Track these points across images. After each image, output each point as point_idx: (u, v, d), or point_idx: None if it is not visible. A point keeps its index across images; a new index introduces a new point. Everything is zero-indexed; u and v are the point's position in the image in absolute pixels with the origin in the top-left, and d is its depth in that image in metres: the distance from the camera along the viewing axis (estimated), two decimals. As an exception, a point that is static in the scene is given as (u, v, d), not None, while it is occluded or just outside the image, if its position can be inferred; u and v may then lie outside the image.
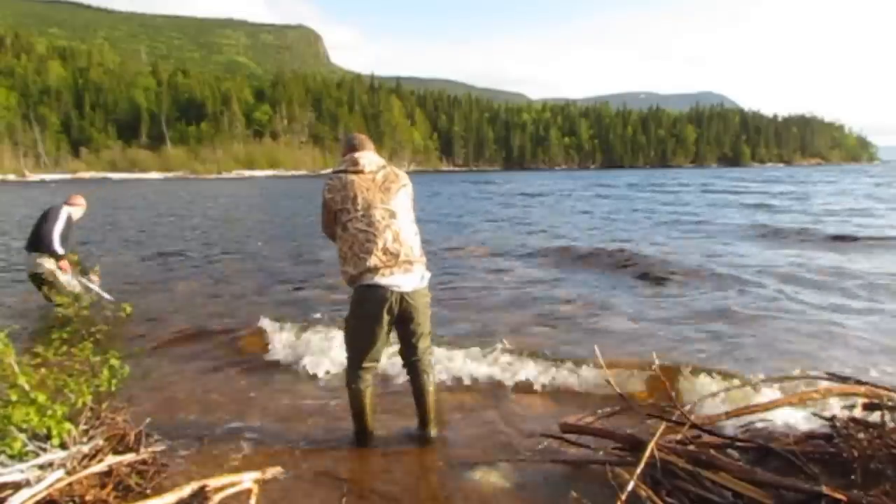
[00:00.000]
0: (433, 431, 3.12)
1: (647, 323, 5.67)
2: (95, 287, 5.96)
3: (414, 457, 3.03)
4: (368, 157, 2.94)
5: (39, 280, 5.62)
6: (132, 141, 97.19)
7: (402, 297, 2.80)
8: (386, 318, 2.81)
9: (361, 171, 2.89)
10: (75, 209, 5.91)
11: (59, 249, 5.56)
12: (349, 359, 3.01)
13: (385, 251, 2.76)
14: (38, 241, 5.62)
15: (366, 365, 2.94)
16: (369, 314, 2.81)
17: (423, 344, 3.04)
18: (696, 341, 5.02)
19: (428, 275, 2.95)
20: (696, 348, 4.83)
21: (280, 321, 5.34)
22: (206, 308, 6.47)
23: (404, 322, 2.90)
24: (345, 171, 2.91)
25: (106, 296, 5.90)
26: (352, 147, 3.03)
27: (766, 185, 37.80)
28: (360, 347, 2.92)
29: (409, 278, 2.82)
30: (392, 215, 2.84)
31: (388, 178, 2.91)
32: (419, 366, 3.06)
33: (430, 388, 3.09)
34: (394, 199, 2.88)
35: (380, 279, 2.75)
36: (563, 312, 6.20)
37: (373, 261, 2.74)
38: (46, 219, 5.71)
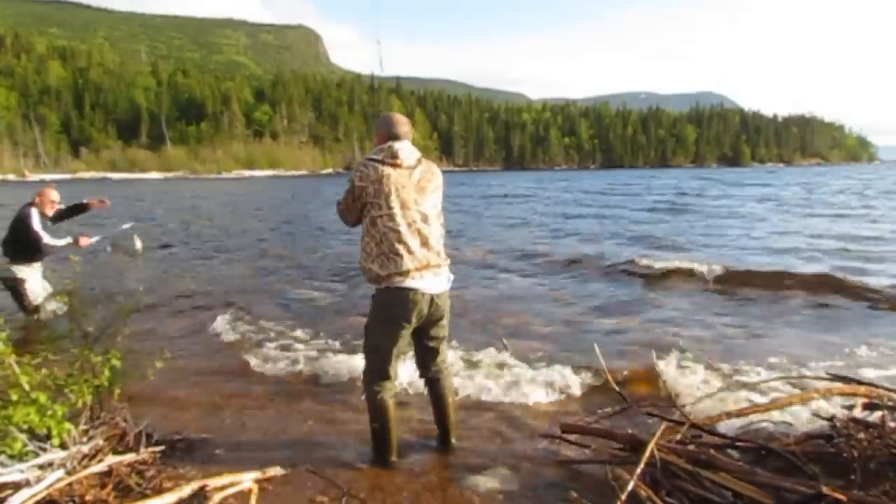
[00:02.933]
0: (455, 439, 3.04)
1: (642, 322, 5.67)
2: (138, 244, 6.26)
3: (415, 458, 3.02)
4: (408, 150, 2.72)
5: (9, 286, 5.50)
6: (132, 141, 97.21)
7: (432, 299, 2.69)
8: (414, 322, 2.69)
9: (399, 166, 2.67)
10: (34, 208, 5.59)
11: (56, 245, 5.44)
12: (371, 367, 2.81)
13: (415, 254, 2.63)
14: (12, 248, 5.44)
15: (390, 370, 2.78)
16: (397, 318, 2.67)
17: (444, 348, 2.94)
18: (691, 339, 5.02)
19: (452, 277, 2.83)
20: (694, 346, 4.83)
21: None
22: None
23: (428, 326, 2.78)
24: (381, 162, 2.66)
25: (137, 244, 6.16)
26: (390, 133, 2.75)
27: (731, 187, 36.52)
28: (384, 354, 2.74)
29: (437, 281, 2.70)
30: (424, 218, 2.68)
31: (424, 177, 2.72)
32: (440, 373, 2.94)
33: (452, 397, 2.98)
34: (427, 201, 2.72)
35: (410, 282, 2.62)
36: (563, 313, 6.21)
37: (403, 263, 2.60)
38: (18, 226, 5.46)
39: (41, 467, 2.36)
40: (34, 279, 5.50)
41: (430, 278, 2.66)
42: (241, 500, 2.47)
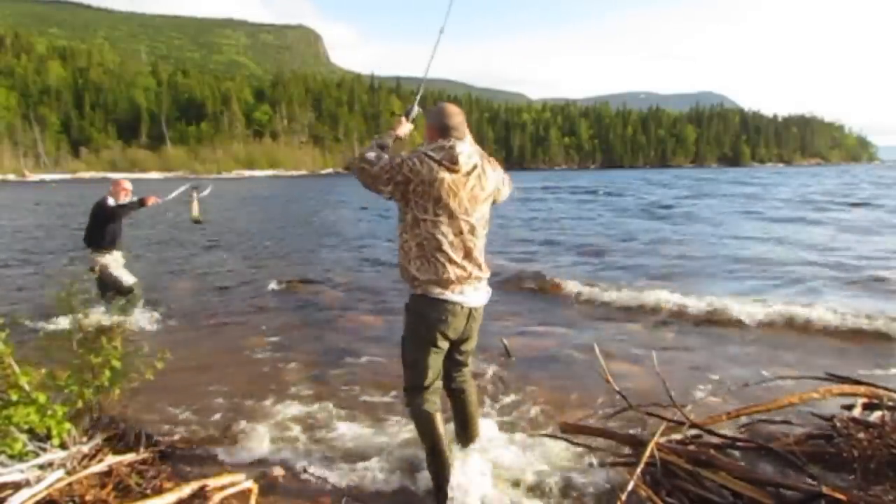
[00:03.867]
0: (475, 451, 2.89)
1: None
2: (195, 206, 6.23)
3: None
4: (468, 153, 2.47)
5: (96, 275, 5.78)
6: (132, 141, 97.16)
7: (470, 312, 2.55)
8: (452, 337, 2.56)
9: (457, 172, 2.43)
10: (113, 197, 5.95)
11: (122, 203, 5.80)
12: (411, 381, 2.63)
13: (458, 264, 2.46)
14: (90, 236, 5.79)
15: (430, 385, 2.61)
16: (435, 333, 2.50)
17: (469, 361, 2.84)
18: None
19: (490, 290, 2.67)
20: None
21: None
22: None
23: (461, 338, 2.63)
24: (438, 162, 2.41)
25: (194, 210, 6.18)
26: (442, 125, 2.48)
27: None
28: (424, 365, 2.57)
29: (477, 295, 2.55)
30: (472, 229, 2.49)
31: (477, 185, 2.49)
32: (466, 382, 2.83)
33: (476, 406, 2.90)
34: (477, 211, 2.50)
35: (449, 294, 2.46)
36: (562, 314, 6.21)
37: (444, 272, 2.44)
38: (98, 212, 5.83)
39: (41, 467, 2.37)
40: (115, 266, 5.76)
41: (470, 292, 2.51)
42: (241, 500, 2.47)
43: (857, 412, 2.90)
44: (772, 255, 9.84)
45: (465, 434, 2.87)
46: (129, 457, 2.64)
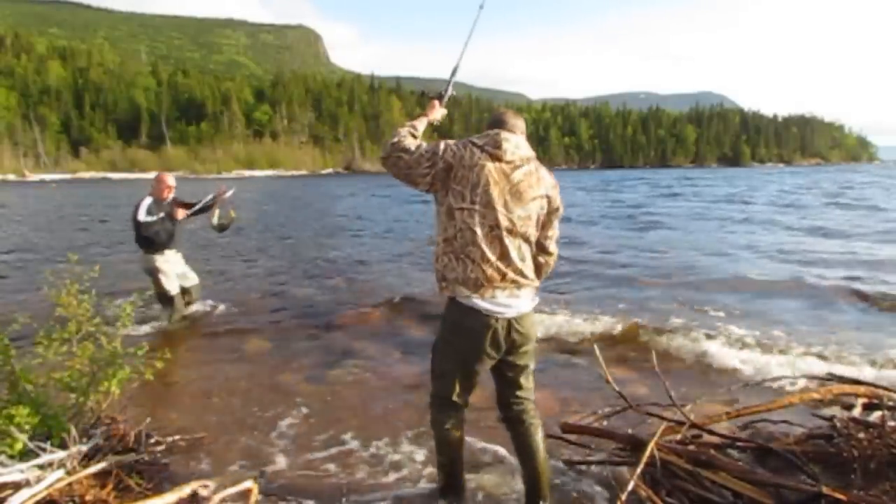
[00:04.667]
0: None
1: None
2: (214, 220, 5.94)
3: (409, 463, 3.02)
4: (515, 142, 2.28)
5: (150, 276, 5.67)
6: (132, 141, 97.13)
7: (510, 323, 2.23)
8: (489, 350, 2.23)
9: (500, 159, 2.22)
10: (149, 197, 5.62)
11: (146, 220, 5.36)
12: (437, 389, 2.39)
13: (491, 263, 2.17)
14: (136, 237, 5.56)
15: (457, 399, 2.35)
16: (466, 341, 2.24)
17: (528, 383, 2.41)
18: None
19: (537, 299, 2.36)
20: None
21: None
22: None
23: (507, 352, 2.29)
24: (481, 148, 2.22)
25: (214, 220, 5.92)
26: (498, 122, 2.35)
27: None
28: (451, 376, 2.32)
29: (515, 301, 2.23)
30: (511, 229, 2.20)
31: (525, 180, 2.25)
32: (525, 414, 2.39)
33: (542, 446, 2.40)
34: (520, 209, 2.22)
35: (479, 301, 2.17)
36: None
37: (474, 270, 2.17)
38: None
39: (41, 467, 2.36)
40: (166, 268, 5.57)
41: (505, 298, 2.20)
42: (241, 500, 2.47)
43: (857, 412, 2.90)
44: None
45: (531, 489, 2.41)
46: (129, 457, 2.64)
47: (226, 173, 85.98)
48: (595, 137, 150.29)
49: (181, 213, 5.57)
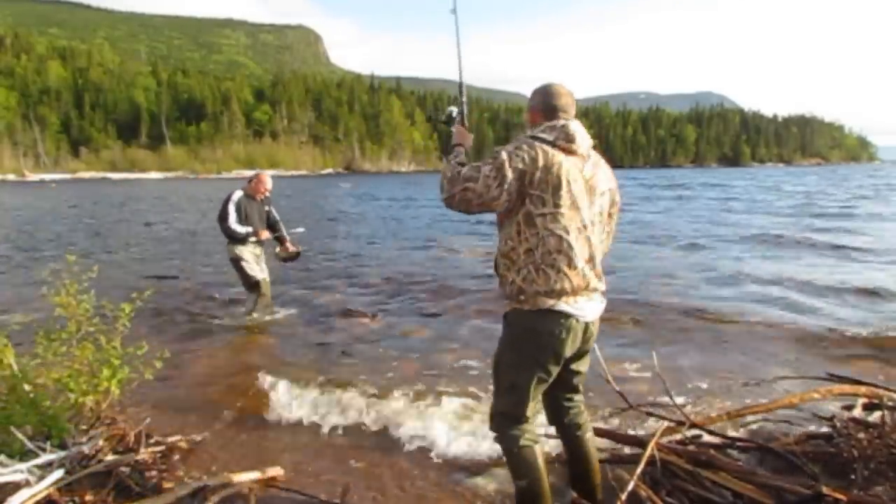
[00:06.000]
0: None
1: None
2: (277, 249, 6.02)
3: (408, 460, 3.02)
4: (582, 132, 2.09)
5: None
6: (132, 141, 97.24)
7: (587, 326, 2.10)
8: (567, 353, 2.07)
9: (574, 153, 2.05)
10: (241, 191, 5.75)
11: (235, 230, 5.53)
12: (504, 408, 2.16)
13: (578, 270, 2.02)
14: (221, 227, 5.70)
15: (529, 413, 2.14)
16: (550, 348, 2.04)
17: (582, 388, 2.33)
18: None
19: (605, 301, 2.20)
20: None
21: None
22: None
23: (571, 358, 2.15)
24: (552, 144, 2.03)
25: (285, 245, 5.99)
26: (547, 104, 2.14)
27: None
28: (525, 392, 2.10)
29: (592, 306, 2.10)
30: (591, 227, 2.07)
31: (595, 174, 2.11)
32: (581, 417, 2.30)
33: (595, 450, 2.34)
34: (594, 205, 2.10)
35: (564, 306, 2.01)
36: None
37: (560, 280, 2.00)
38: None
39: (41, 467, 2.37)
40: (249, 256, 5.69)
41: (584, 301, 2.06)
42: (240, 501, 2.47)
43: (857, 412, 2.90)
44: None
45: (583, 489, 2.34)
46: (129, 457, 2.64)
47: (226, 173, 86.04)
48: (595, 137, 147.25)
49: (265, 235, 5.73)
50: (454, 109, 2.49)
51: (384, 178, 70.90)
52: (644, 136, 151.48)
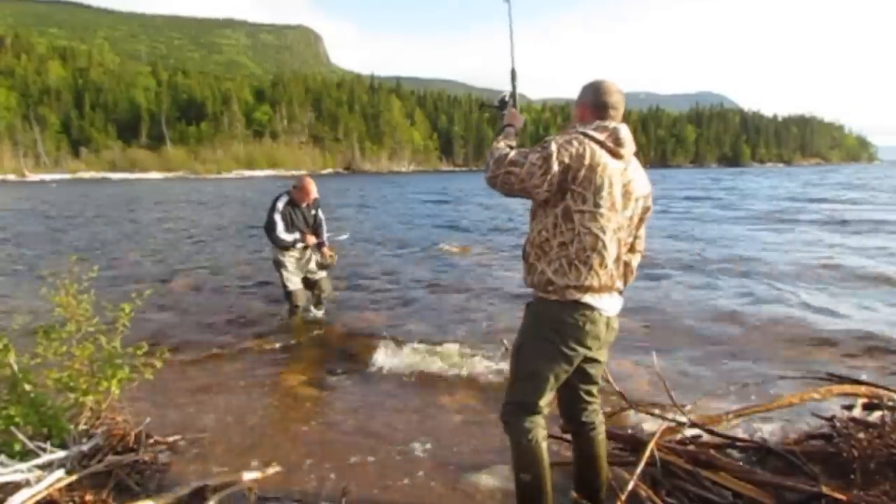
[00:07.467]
0: None
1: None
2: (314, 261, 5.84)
3: (416, 460, 3.02)
4: (630, 137, 2.11)
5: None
6: (132, 141, 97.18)
7: (608, 322, 2.14)
8: (590, 344, 2.10)
9: (620, 157, 2.08)
10: (286, 196, 5.62)
11: (284, 239, 5.43)
12: (519, 397, 2.18)
13: (608, 269, 2.07)
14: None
15: (543, 404, 2.16)
16: (575, 337, 2.07)
17: (600, 382, 2.33)
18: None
19: (622, 300, 2.23)
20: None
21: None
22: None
23: (595, 352, 2.17)
24: (601, 144, 2.05)
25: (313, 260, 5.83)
26: (603, 105, 2.14)
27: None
28: (540, 384, 2.12)
29: (613, 301, 2.15)
30: (622, 227, 2.11)
31: (634, 179, 2.13)
32: (596, 416, 2.32)
33: (605, 456, 2.35)
34: (629, 207, 2.12)
35: (590, 298, 2.06)
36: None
37: (590, 277, 2.04)
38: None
39: (41, 467, 2.36)
40: (287, 265, 5.58)
41: (608, 298, 2.12)
42: (240, 500, 2.47)
43: (857, 412, 2.90)
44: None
45: (591, 492, 2.32)
46: (129, 457, 2.64)
47: (226, 173, 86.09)
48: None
49: (311, 240, 5.64)
50: (507, 93, 2.50)
51: (383, 179, 70.86)
52: (644, 136, 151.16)
